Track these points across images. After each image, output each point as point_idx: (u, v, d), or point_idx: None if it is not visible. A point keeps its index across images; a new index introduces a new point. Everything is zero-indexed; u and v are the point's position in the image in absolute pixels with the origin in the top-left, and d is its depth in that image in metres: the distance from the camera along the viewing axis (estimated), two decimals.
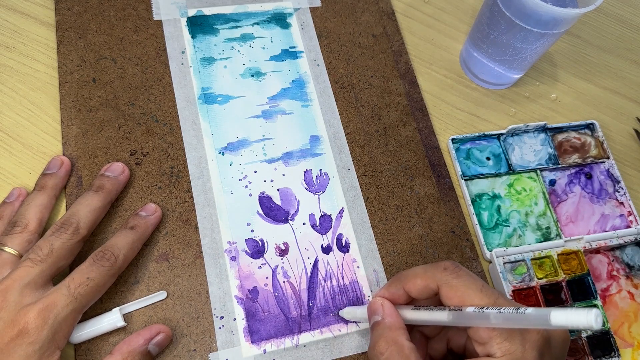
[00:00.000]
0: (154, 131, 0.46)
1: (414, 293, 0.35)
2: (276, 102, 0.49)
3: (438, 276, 0.33)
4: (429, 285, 0.34)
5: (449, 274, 0.33)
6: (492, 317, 0.29)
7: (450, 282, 0.33)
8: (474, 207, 0.47)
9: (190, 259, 0.42)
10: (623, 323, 0.45)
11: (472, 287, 0.32)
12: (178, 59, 0.49)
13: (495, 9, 0.46)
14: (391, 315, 0.35)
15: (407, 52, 0.54)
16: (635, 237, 0.47)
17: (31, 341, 0.32)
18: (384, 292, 0.36)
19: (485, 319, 0.30)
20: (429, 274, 0.34)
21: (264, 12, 0.53)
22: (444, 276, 0.33)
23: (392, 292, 0.36)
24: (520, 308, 0.28)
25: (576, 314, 0.25)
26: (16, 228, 0.38)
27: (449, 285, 0.33)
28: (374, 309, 0.36)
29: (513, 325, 0.29)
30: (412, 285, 0.34)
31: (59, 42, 0.48)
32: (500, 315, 0.29)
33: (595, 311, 0.25)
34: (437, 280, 0.33)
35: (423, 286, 0.34)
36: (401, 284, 0.35)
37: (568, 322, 0.26)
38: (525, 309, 0.28)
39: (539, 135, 0.51)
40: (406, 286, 0.35)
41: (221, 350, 0.39)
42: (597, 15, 0.60)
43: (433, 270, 0.34)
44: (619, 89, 0.56)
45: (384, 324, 0.34)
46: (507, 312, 0.29)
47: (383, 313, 0.35)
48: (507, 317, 0.29)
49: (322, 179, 0.47)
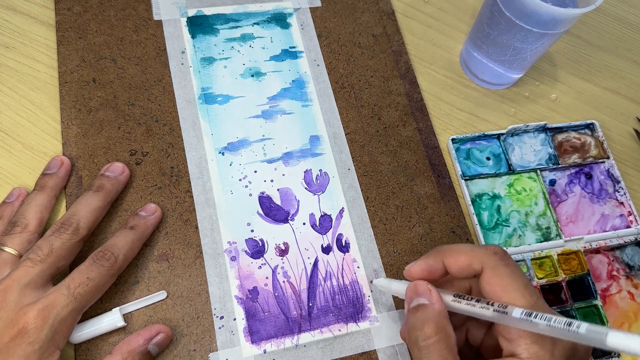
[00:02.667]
0: (154, 131, 0.46)
1: (454, 269, 0.33)
2: (276, 102, 0.49)
3: (485, 258, 0.32)
4: (472, 265, 0.32)
5: (499, 259, 0.32)
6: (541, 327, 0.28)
7: (498, 268, 0.31)
8: (474, 207, 0.47)
9: (190, 259, 0.42)
10: (623, 323, 0.45)
11: (517, 280, 0.31)
12: (178, 59, 0.49)
13: (495, 9, 0.46)
14: (439, 300, 0.33)
15: (407, 52, 0.54)
16: (635, 237, 0.47)
17: (31, 341, 0.32)
18: (421, 263, 0.34)
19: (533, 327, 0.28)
20: (475, 252, 0.32)
21: (264, 12, 0.53)
22: (493, 260, 0.32)
23: (430, 264, 0.34)
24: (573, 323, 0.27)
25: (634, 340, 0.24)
26: (16, 228, 0.38)
27: (494, 271, 0.31)
28: (420, 291, 0.33)
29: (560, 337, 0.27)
30: (455, 260, 0.33)
31: (59, 42, 0.48)
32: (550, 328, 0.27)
33: None
34: (484, 262, 0.32)
35: (466, 264, 0.32)
36: (441, 257, 0.33)
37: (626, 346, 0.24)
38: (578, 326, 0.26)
39: (539, 135, 0.51)
40: (447, 260, 0.33)
41: (221, 350, 0.39)
42: (597, 15, 0.60)
43: (481, 251, 0.32)
44: (619, 89, 0.56)
45: (433, 308, 0.32)
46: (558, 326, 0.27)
47: (431, 298, 0.33)
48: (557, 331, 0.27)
49: (322, 179, 0.47)
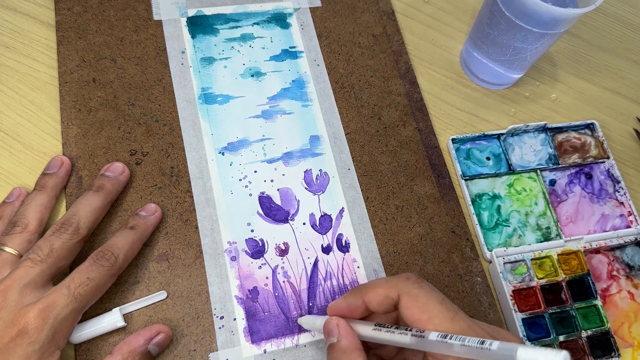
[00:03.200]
0: (154, 131, 0.46)
1: (374, 304, 0.33)
2: (276, 102, 0.49)
3: (400, 285, 0.32)
4: (389, 295, 0.33)
5: (412, 283, 0.32)
6: (455, 348, 0.28)
7: (412, 291, 0.32)
8: (474, 207, 0.47)
9: (190, 259, 0.42)
10: (623, 323, 0.45)
11: (432, 298, 0.31)
12: (178, 59, 0.49)
13: (495, 9, 0.46)
14: (347, 336, 0.33)
15: (407, 52, 0.54)
16: (635, 237, 0.47)
17: (31, 341, 0.32)
18: (341, 302, 0.35)
19: (448, 348, 0.29)
20: (390, 283, 0.33)
21: (264, 12, 0.53)
22: (406, 285, 0.32)
23: (350, 303, 0.34)
24: (485, 342, 0.27)
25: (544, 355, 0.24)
26: (16, 228, 0.38)
27: (410, 295, 0.32)
28: (329, 330, 0.34)
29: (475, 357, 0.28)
30: (373, 295, 0.33)
31: (59, 42, 0.48)
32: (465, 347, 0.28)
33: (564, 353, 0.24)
34: (399, 289, 0.32)
35: (384, 296, 0.33)
36: (360, 294, 0.34)
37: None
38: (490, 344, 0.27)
39: (539, 135, 0.51)
40: (366, 297, 0.34)
41: (221, 350, 0.39)
42: (597, 15, 0.60)
43: (395, 280, 0.33)
44: (619, 89, 0.56)
45: (339, 346, 0.33)
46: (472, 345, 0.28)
47: (339, 334, 0.33)
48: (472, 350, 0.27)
49: (322, 179, 0.47)
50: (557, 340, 0.43)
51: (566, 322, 0.44)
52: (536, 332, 0.43)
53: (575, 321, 0.44)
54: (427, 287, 0.32)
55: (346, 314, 0.35)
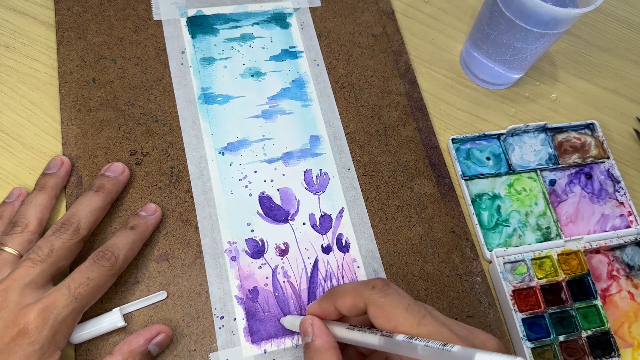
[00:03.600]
0: (154, 131, 0.46)
1: (344, 311, 0.34)
2: (276, 102, 0.49)
3: (366, 294, 0.32)
4: (357, 304, 0.33)
5: (377, 292, 0.32)
6: (419, 349, 0.29)
7: (377, 301, 0.32)
8: (474, 207, 0.47)
9: (190, 259, 0.42)
10: (623, 323, 0.45)
11: (398, 306, 0.31)
12: (178, 59, 0.49)
13: (495, 9, 0.46)
14: (321, 335, 0.34)
15: (407, 52, 0.54)
16: (635, 237, 0.47)
17: (31, 341, 0.32)
18: (315, 307, 0.35)
19: (413, 350, 0.29)
20: (357, 291, 0.33)
21: (264, 12, 0.53)
22: (372, 295, 0.32)
23: (323, 307, 0.35)
24: (447, 345, 0.28)
25: None
26: (16, 228, 0.38)
27: (375, 305, 0.32)
28: (304, 329, 0.34)
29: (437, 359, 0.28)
30: (342, 302, 0.33)
31: (58, 42, 0.48)
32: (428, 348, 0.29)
33: None
34: (365, 298, 0.32)
35: (352, 304, 0.33)
36: (332, 300, 0.34)
37: None
38: (451, 347, 0.28)
39: (539, 135, 0.51)
40: (336, 303, 0.34)
41: (221, 350, 0.39)
42: (597, 15, 0.60)
43: (362, 289, 0.33)
44: (619, 89, 0.56)
45: (313, 346, 0.33)
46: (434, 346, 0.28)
47: (313, 334, 0.34)
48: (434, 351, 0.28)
49: (322, 178, 0.47)
50: (557, 340, 0.43)
51: (566, 322, 0.44)
52: (536, 332, 0.43)
53: (575, 321, 0.44)
54: (393, 294, 0.32)
55: (322, 317, 0.35)
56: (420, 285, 0.44)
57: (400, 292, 0.33)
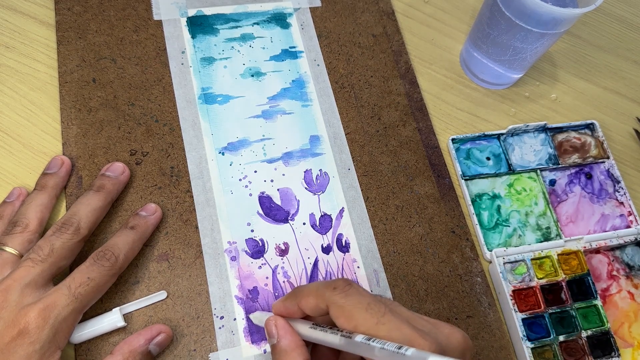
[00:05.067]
0: (154, 131, 0.46)
1: (308, 311, 0.33)
2: (276, 102, 0.49)
3: (327, 295, 0.32)
4: (319, 305, 0.32)
5: (338, 293, 0.32)
6: (376, 351, 0.29)
7: (338, 302, 0.31)
8: (474, 207, 0.47)
9: (190, 259, 0.42)
10: (623, 323, 0.45)
11: (358, 306, 0.31)
12: (178, 59, 0.49)
13: (495, 9, 0.46)
14: (285, 335, 0.33)
15: (407, 52, 0.54)
16: (635, 237, 0.48)
17: (32, 341, 0.32)
18: (280, 305, 0.35)
19: (370, 351, 0.29)
20: (320, 292, 0.33)
21: (264, 12, 0.53)
22: (333, 296, 0.32)
23: (288, 307, 0.34)
24: (402, 348, 0.28)
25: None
26: (17, 228, 0.38)
27: (336, 305, 0.31)
28: (268, 331, 0.34)
29: None
30: (305, 302, 0.33)
31: (58, 42, 0.48)
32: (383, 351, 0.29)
33: None
34: (327, 299, 0.32)
35: (314, 305, 0.33)
36: (296, 300, 0.34)
37: None
38: (406, 350, 0.28)
39: (539, 135, 0.51)
40: (300, 303, 0.33)
41: (221, 350, 0.39)
42: (597, 15, 0.60)
43: (324, 289, 0.33)
44: (619, 89, 0.56)
45: (279, 347, 0.33)
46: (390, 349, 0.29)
47: (277, 335, 0.33)
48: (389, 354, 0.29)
49: (322, 178, 0.47)
50: (557, 340, 0.43)
51: (566, 322, 0.44)
52: (536, 332, 0.43)
53: (575, 321, 0.44)
54: (354, 294, 0.32)
55: (286, 316, 0.35)
56: (420, 286, 0.44)
57: (361, 291, 0.32)
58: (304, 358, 0.32)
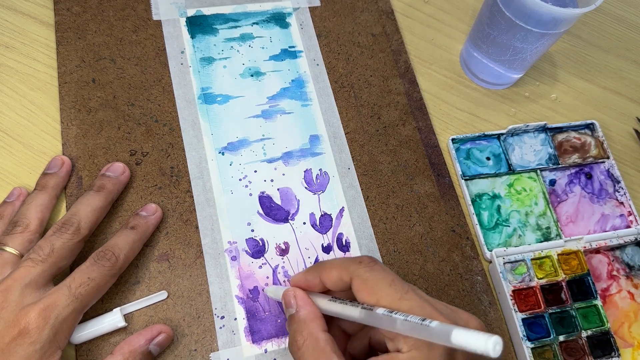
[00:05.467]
0: (153, 131, 0.46)
1: (329, 284, 0.34)
2: (276, 101, 0.49)
3: (352, 269, 0.33)
4: (342, 278, 0.33)
5: (363, 267, 0.33)
6: (398, 323, 0.29)
7: (363, 275, 0.32)
8: (474, 207, 0.47)
9: (190, 259, 0.42)
10: (623, 323, 0.45)
11: (382, 281, 0.32)
12: (177, 59, 0.49)
13: (495, 9, 0.46)
14: (305, 306, 0.34)
15: (406, 52, 0.54)
16: (635, 237, 0.48)
17: (32, 341, 0.32)
18: (300, 277, 0.35)
19: (392, 323, 0.30)
20: (344, 265, 0.33)
21: (263, 11, 0.53)
22: (358, 269, 0.33)
23: (309, 279, 0.35)
24: (426, 320, 0.28)
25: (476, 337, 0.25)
26: (17, 228, 0.38)
27: (360, 279, 0.32)
28: (287, 301, 0.35)
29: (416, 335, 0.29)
30: (328, 275, 0.34)
31: (58, 42, 0.48)
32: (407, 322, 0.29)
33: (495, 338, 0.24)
34: (351, 272, 0.33)
35: (337, 278, 0.33)
36: (318, 272, 0.34)
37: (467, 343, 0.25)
38: (430, 322, 0.28)
39: (539, 135, 0.51)
40: (322, 276, 0.34)
41: (222, 350, 0.39)
42: (597, 15, 0.60)
43: (349, 263, 0.33)
44: (619, 89, 0.56)
45: (298, 317, 0.34)
46: (413, 321, 0.29)
47: (297, 305, 0.34)
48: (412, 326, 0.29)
49: (322, 178, 0.47)
50: (557, 340, 0.43)
51: (566, 322, 0.44)
52: (536, 332, 0.43)
53: (575, 321, 0.44)
54: (379, 270, 0.33)
55: (305, 288, 0.35)
56: (421, 285, 0.44)
57: (385, 269, 0.33)
58: (323, 328, 0.33)
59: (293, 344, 0.33)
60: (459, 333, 0.26)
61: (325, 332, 0.33)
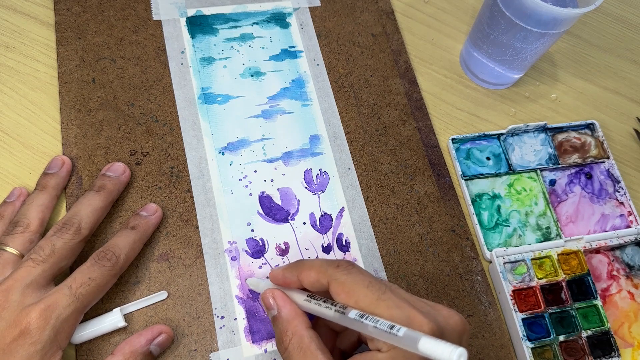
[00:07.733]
0: (154, 131, 0.46)
1: (307, 284, 0.34)
2: (276, 101, 0.49)
3: (330, 272, 0.33)
4: (320, 280, 0.33)
5: (341, 270, 0.33)
6: (369, 328, 0.30)
7: (340, 278, 0.32)
8: (474, 207, 0.47)
9: (190, 259, 0.42)
10: (623, 323, 0.45)
11: (360, 283, 0.32)
12: (177, 59, 0.49)
13: (495, 9, 0.46)
14: (285, 305, 0.34)
15: (406, 52, 0.54)
16: (635, 237, 0.48)
17: (33, 341, 0.32)
18: (279, 273, 0.36)
19: (364, 328, 0.30)
20: (322, 268, 0.33)
21: (263, 11, 0.53)
22: (335, 273, 0.33)
23: (287, 277, 0.35)
24: (394, 327, 0.28)
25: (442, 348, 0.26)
26: (18, 228, 0.38)
27: (338, 282, 0.32)
28: (267, 304, 0.35)
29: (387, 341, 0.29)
30: (306, 276, 0.34)
31: (58, 42, 0.48)
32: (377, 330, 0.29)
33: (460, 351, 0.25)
34: (328, 276, 0.33)
35: (315, 280, 0.33)
36: (297, 271, 0.35)
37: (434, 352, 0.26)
38: (398, 330, 0.28)
39: (539, 135, 0.51)
40: (300, 275, 0.34)
41: (222, 350, 0.39)
42: (597, 15, 0.60)
43: (327, 266, 0.33)
44: (619, 89, 0.56)
45: (281, 317, 0.34)
46: (382, 328, 0.29)
47: (277, 305, 0.34)
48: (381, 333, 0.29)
49: (322, 178, 0.47)
50: (557, 340, 0.43)
51: (566, 322, 0.44)
52: (536, 332, 0.43)
53: (575, 321, 0.44)
54: (356, 272, 0.33)
55: (283, 285, 0.36)
56: (421, 285, 0.44)
57: (363, 271, 0.33)
58: (307, 325, 0.33)
59: (280, 345, 0.33)
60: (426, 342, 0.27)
61: (309, 329, 0.33)
